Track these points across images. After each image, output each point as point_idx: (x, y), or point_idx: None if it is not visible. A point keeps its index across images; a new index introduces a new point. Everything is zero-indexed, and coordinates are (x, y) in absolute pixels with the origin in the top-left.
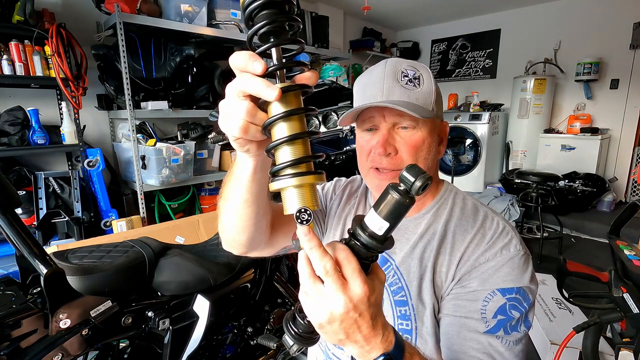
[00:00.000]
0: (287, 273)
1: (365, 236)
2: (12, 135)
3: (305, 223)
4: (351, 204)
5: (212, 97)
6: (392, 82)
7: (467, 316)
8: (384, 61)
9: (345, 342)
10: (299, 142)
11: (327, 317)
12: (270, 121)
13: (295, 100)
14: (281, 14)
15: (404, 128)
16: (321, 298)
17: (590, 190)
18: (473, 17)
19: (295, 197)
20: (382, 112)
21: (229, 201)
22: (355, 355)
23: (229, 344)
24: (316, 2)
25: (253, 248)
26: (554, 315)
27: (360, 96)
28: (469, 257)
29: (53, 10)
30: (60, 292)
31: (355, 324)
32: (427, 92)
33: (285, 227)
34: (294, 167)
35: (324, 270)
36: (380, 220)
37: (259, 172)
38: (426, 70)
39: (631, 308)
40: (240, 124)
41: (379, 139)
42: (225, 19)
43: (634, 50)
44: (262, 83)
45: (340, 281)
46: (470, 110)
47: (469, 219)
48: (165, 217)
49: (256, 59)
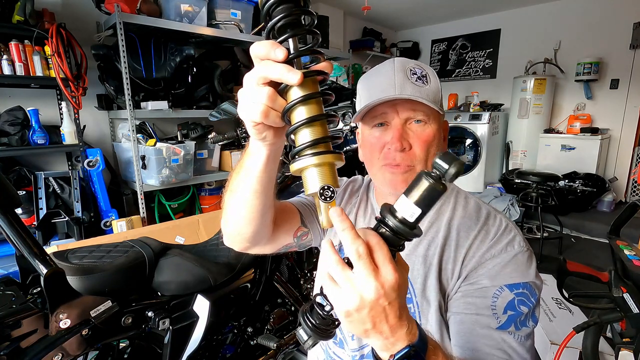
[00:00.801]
0: (287, 273)
1: (396, 222)
2: (12, 135)
3: (329, 200)
4: (352, 203)
5: (212, 97)
6: (403, 79)
7: (478, 313)
8: (392, 59)
9: (370, 332)
10: (318, 124)
11: (356, 304)
12: (292, 104)
13: (313, 86)
14: (296, 8)
15: (416, 122)
16: (350, 285)
17: (590, 190)
18: (473, 17)
19: (316, 176)
20: (394, 107)
21: (238, 192)
22: (379, 348)
23: (229, 344)
24: (316, 2)
25: (256, 243)
26: (554, 315)
27: (368, 93)
28: (474, 254)
29: (53, 10)
30: (60, 292)
31: (384, 312)
32: (435, 89)
33: (287, 225)
34: (313, 147)
35: (356, 254)
36: (412, 206)
37: (270, 163)
38: (431, 70)
39: (631, 308)
40: (261, 109)
41: (394, 133)
42: (225, 19)
43: (634, 50)
44: (285, 68)
45: (371, 266)
46: (470, 110)
47: (472, 216)
48: (165, 217)
49: (278, 46)
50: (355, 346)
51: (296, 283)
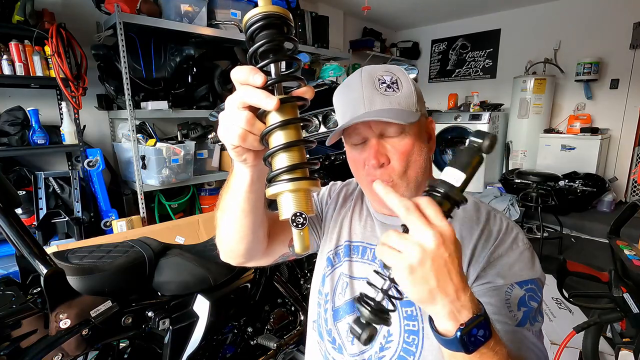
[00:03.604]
0: (287, 273)
1: (444, 186)
2: (12, 135)
3: (300, 227)
4: (347, 207)
5: (212, 97)
6: (372, 91)
7: (495, 312)
8: (359, 70)
9: (435, 293)
10: (295, 150)
11: (418, 255)
12: (269, 129)
13: (292, 111)
14: (279, 34)
15: (391, 137)
16: (409, 241)
17: (590, 190)
18: (473, 17)
19: (290, 202)
20: (368, 123)
21: (227, 212)
22: (444, 315)
23: (229, 344)
24: (316, 2)
25: (251, 258)
26: (554, 315)
27: (342, 111)
28: (479, 254)
29: (53, 10)
30: (60, 292)
31: (446, 266)
32: (407, 94)
33: (281, 235)
34: (289, 173)
35: (405, 209)
36: (456, 172)
37: (255, 183)
38: (402, 73)
39: (631, 308)
40: (239, 132)
41: (369, 151)
42: (225, 19)
43: (634, 50)
44: (262, 94)
45: (424, 218)
46: (470, 110)
47: (472, 217)
48: (165, 217)
49: (256, 72)
50: (355, 351)
51: (296, 283)
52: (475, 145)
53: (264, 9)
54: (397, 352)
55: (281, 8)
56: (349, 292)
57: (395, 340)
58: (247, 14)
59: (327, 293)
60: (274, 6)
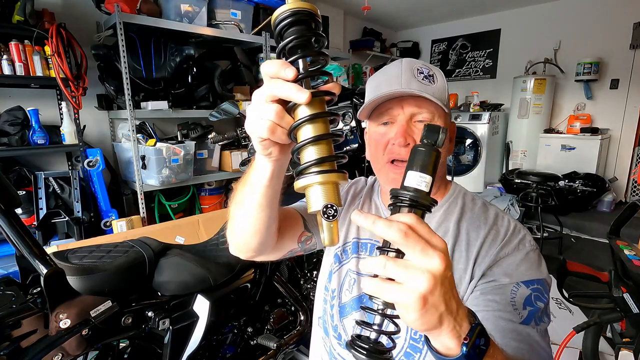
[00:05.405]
0: (287, 273)
1: (412, 194)
2: (12, 135)
3: (331, 219)
4: (355, 204)
5: (212, 97)
6: (410, 77)
7: (500, 309)
8: (399, 60)
9: (444, 316)
10: (324, 143)
11: (429, 283)
12: (299, 122)
13: (320, 106)
14: (308, 30)
15: (420, 122)
16: (412, 270)
17: (590, 190)
18: (473, 17)
19: (320, 194)
20: (400, 103)
21: (244, 205)
22: (448, 335)
23: (229, 344)
24: (316, 2)
25: (261, 252)
26: (554, 315)
27: (374, 90)
28: (486, 253)
29: (53, 10)
30: (60, 292)
31: (451, 285)
32: (441, 88)
33: (291, 231)
34: (319, 166)
35: (402, 233)
36: (420, 175)
37: (275, 178)
38: (438, 71)
39: (631, 308)
40: (268, 125)
41: (398, 129)
42: (225, 19)
43: (634, 50)
44: (294, 87)
45: (422, 239)
46: (470, 110)
47: (480, 217)
48: (165, 217)
49: (288, 66)
50: None
51: (296, 283)
52: (431, 142)
53: (293, 5)
54: (404, 348)
55: (310, 4)
56: (356, 289)
57: (402, 336)
58: (276, 10)
59: (333, 289)
60: (303, 2)
